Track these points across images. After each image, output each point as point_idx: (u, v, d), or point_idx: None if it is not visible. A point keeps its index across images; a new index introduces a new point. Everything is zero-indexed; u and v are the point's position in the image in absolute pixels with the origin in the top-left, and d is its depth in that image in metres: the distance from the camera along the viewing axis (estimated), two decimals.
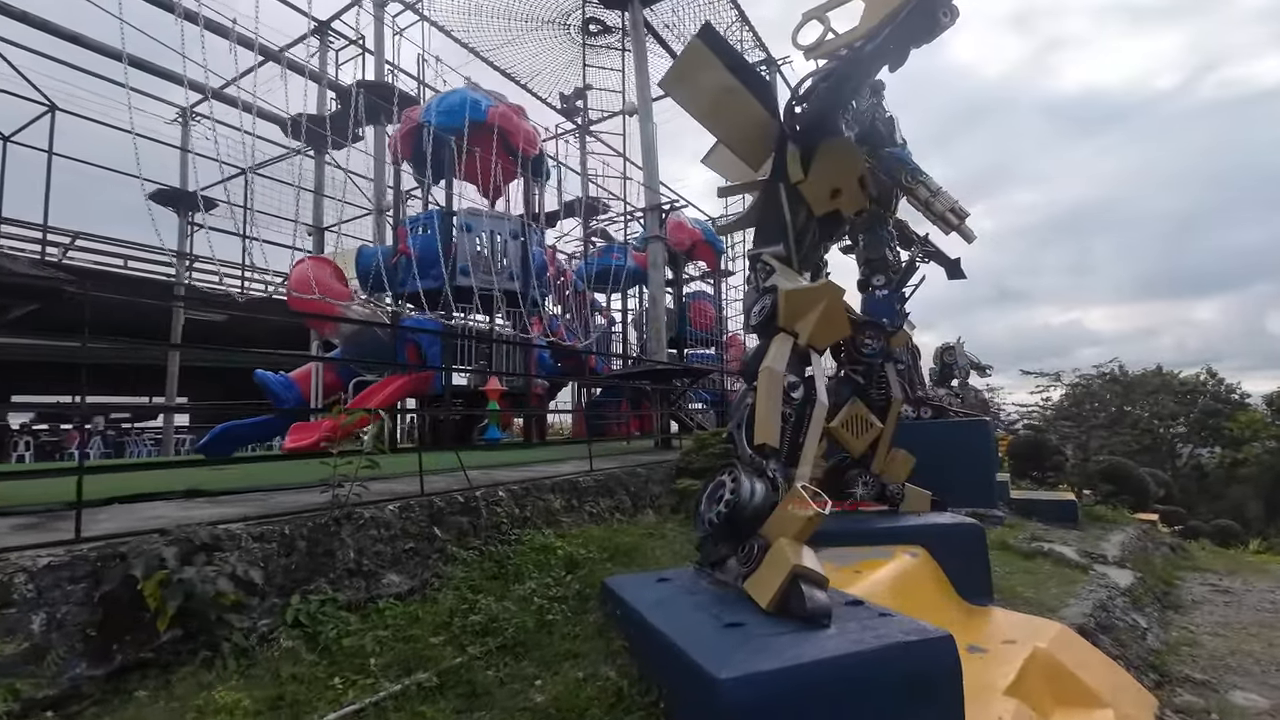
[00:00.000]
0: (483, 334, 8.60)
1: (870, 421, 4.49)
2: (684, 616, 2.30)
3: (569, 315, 11.83)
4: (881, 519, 4.45)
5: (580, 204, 15.98)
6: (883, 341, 4.64)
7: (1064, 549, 6.47)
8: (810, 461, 2.91)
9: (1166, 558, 8.33)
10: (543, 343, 9.40)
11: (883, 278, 9.97)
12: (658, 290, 8.94)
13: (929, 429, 8.38)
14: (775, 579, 2.28)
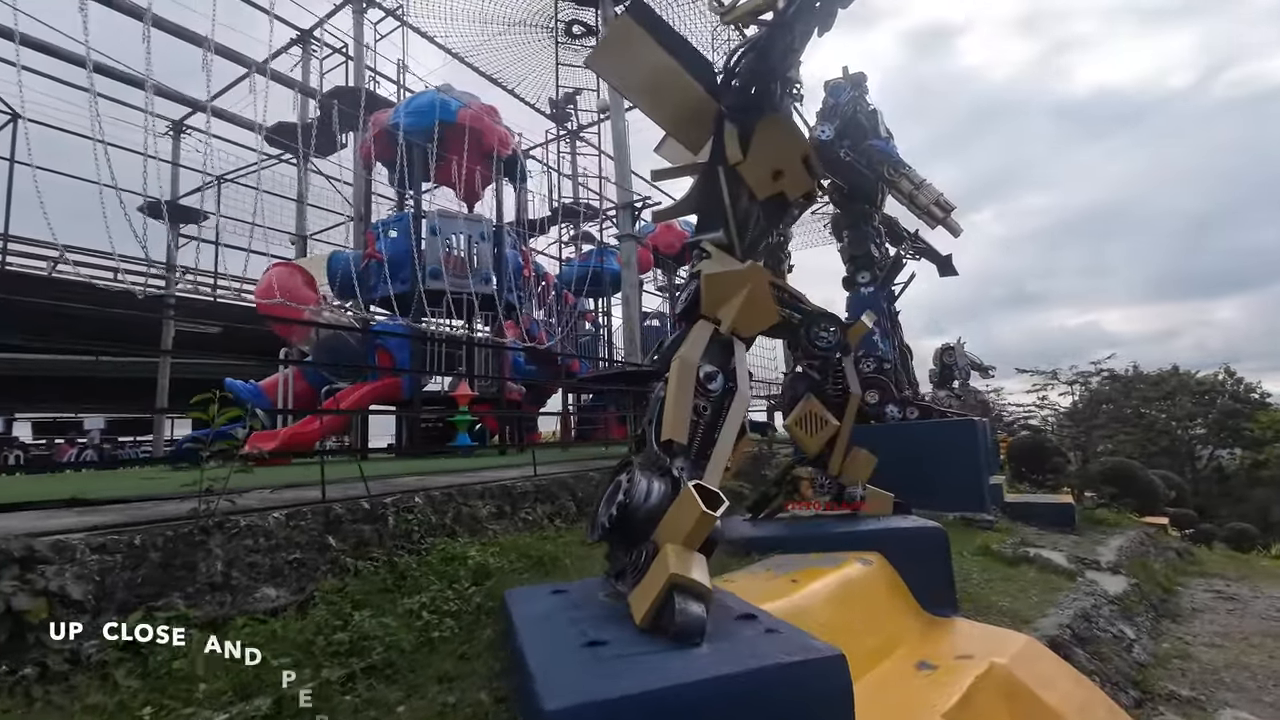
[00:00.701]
0: (452, 338, 8.39)
1: (825, 419, 4.20)
2: (552, 633, 2.03)
3: (552, 320, 11.62)
4: (838, 523, 4.15)
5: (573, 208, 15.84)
6: (840, 334, 4.35)
7: (1053, 554, 6.10)
8: (723, 459, 2.64)
9: (1170, 563, 7.90)
10: (517, 346, 9.19)
11: (868, 275, 9.69)
12: (631, 290, 8.69)
13: (915, 430, 8.04)
14: (653, 590, 2.01)
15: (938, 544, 3.94)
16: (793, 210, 4.16)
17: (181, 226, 14.51)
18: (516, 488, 4.27)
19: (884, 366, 8.66)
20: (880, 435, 8.36)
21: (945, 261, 11.03)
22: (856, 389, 4.31)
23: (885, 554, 3.87)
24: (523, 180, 10.02)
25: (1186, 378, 34.85)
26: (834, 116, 9.31)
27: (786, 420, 4.30)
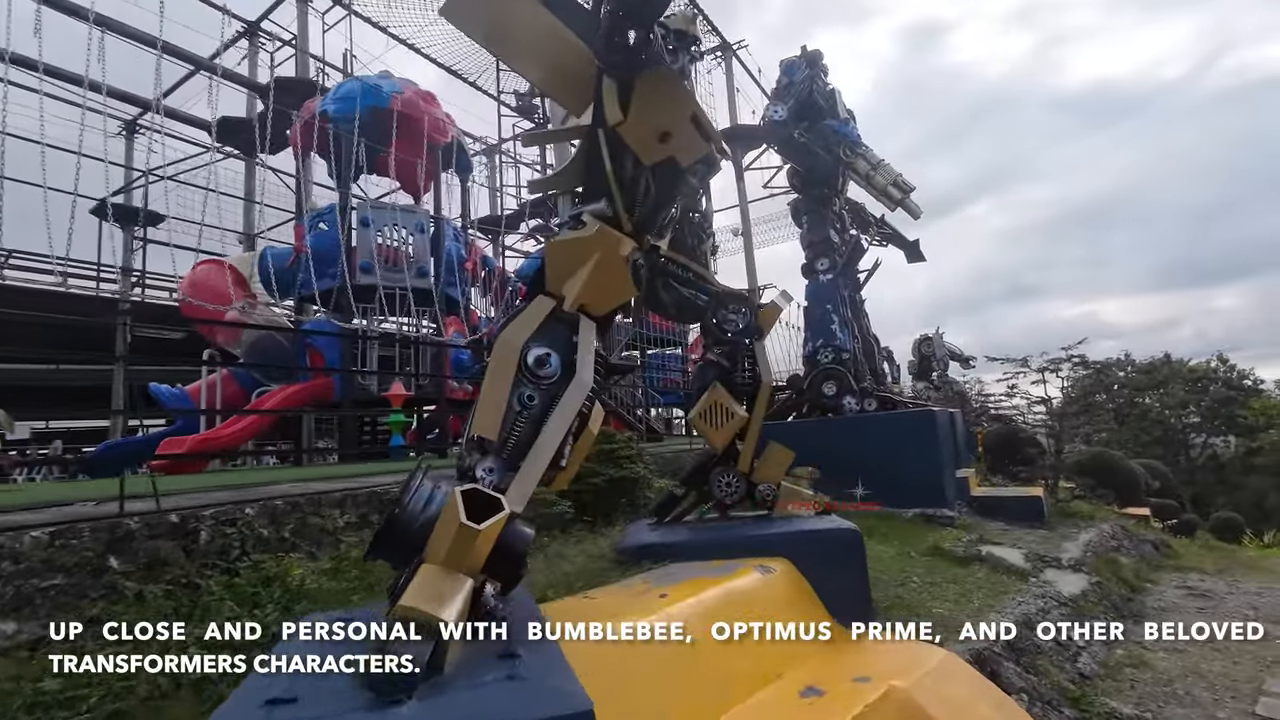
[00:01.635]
0: (384, 335, 7.96)
1: (731, 410, 3.78)
2: (266, 682, 1.61)
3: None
4: (747, 526, 3.73)
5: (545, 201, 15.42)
6: (750, 318, 3.93)
7: (1009, 552, 5.69)
8: (544, 460, 2.21)
9: (1143, 558, 7.49)
10: (451, 343, 8.76)
11: (827, 261, 9.26)
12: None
13: (872, 423, 7.62)
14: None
15: (852, 547, 3.52)
16: (689, 178, 3.73)
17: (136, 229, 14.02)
18: (389, 494, 3.84)
19: (842, 357, 8.24)
20: (836, 428, 7.96)
21: (913, 247, 10.62)
22: (768, 376, 3.88)
23: (794, 559, 3.46)
24: (467, 170, 9.58)
25: (1179, 366, 34.53)
26: (788, 96, 8.89)
27: (690, 413, 3.87)
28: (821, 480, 7.84)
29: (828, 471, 7.86)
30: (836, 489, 7.62)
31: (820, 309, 8.63)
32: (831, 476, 7.78)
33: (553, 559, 3.56)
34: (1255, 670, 4.03)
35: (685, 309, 4.10)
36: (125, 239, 14.19)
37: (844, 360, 8.20)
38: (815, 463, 7.55)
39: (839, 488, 7.59)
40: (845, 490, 7.53)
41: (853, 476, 7.53)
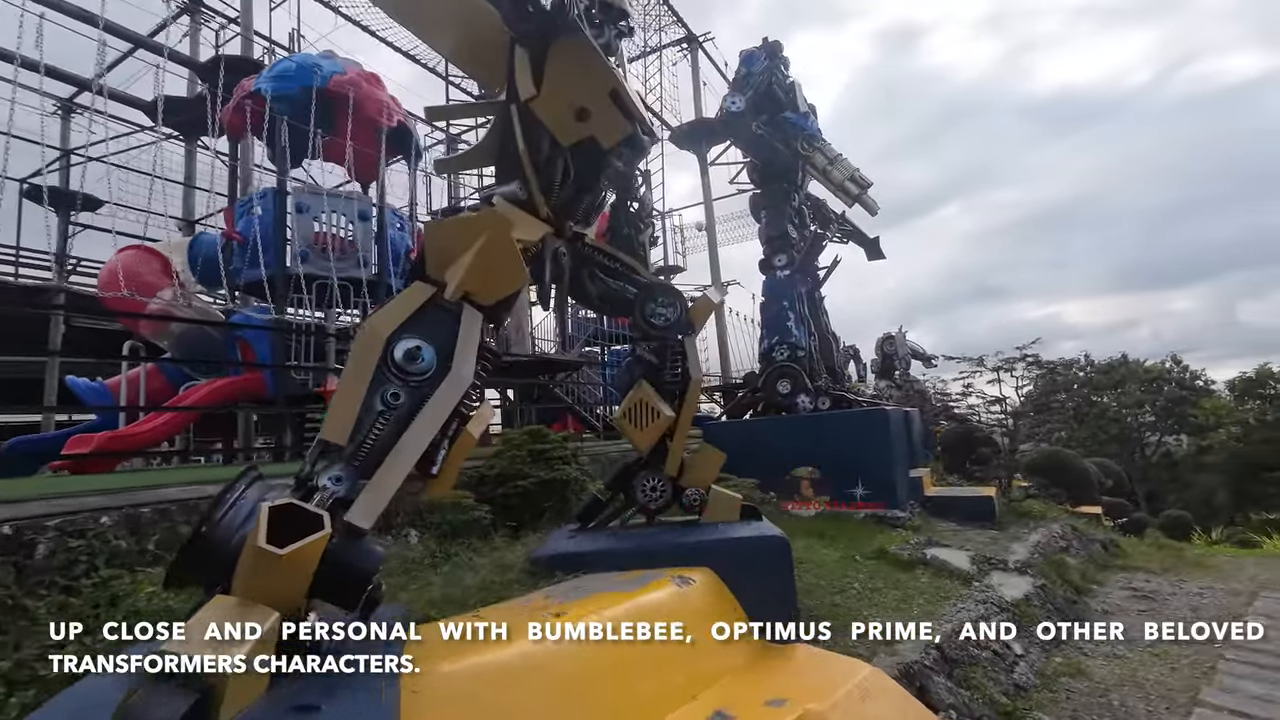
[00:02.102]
0: (319, 327, 7.57)
1: (658, 410, 3.54)
2: None
3: None
4: (671, 533, 3.50)
5: None
6: (680, 311, 3.70)
7: (956, 555, 5.58)
8: (402, 468, 1.95)
9: (1092, 557, 7.49)
10: None
11: (784, 257, 9.09)
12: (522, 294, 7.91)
13: (824, 422, 7.49)
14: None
15: (779, 555, 3.32)
16: (614, 161, 3.47)
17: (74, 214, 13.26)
18: None
19: (798, 354, 8.10)
20: (790, 427, 7.82)
21: (873, 244, 10.56)
22: (698, 373, 3.65)
23: (717, 568, 3.25)
24: (418, 156, 9.19)
25: (1135, 366, 35.48)
26: (747, 87, 8.70)
27: (614, 413, 3.63)
28: (772, 481, 7.71)
29: (780, 472, 7.75)
30: (791, 490, 7.50)
31: (777, 305, 8.47)
32: (785, 477, 7.67)
33: (459, 570, 3.29)
34: (1192, 678, 3.95)
35: (613, 302, 3.86)
36: (60, 224, 13.45)
37: (799, 358, 8.06)
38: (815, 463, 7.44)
39: (793, 488, 7.47)
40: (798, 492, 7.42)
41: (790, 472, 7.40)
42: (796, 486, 7.16)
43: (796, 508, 6.92)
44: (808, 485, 7.32)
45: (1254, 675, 3.96)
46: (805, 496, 7.10)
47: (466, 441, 2.22)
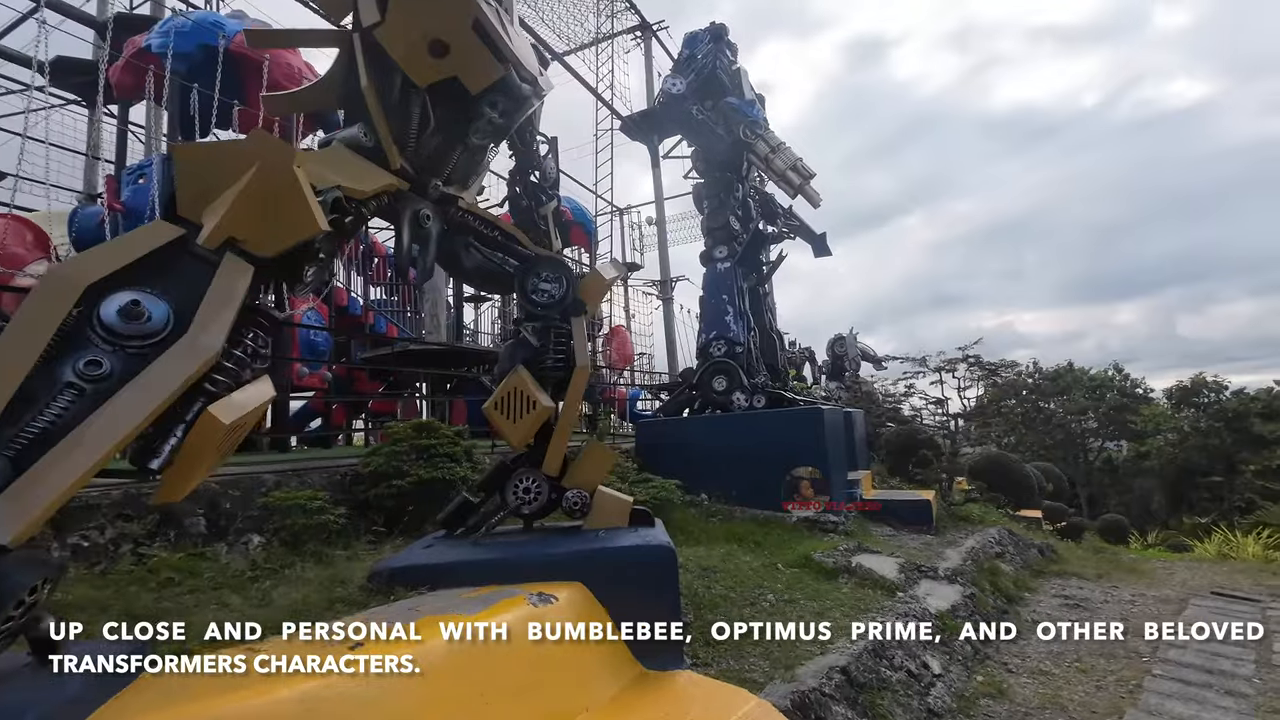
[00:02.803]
0: None
1: (533, 399, 3.07)
2: None
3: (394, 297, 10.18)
4: (536, 542, 3.04)
5: None
6: (567, 288, 3.24)
7: (884, 562, 5.26)
8: (82, 459, 1.43)
9: (1027, 563, 7.32)
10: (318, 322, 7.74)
11: (725, 249, 8.73)
12: (440, 282, 7.34)
13: (757, 421, 7.14)
14: None
15: (662, 567, 2.89)
16: (488, 112, 2.99)
17: None
18: (89, 499, 2.94)
19: (735, 350, 7.73)
20: (722, 426, 7.45)
21: (820, 241, 10.30)
22: (583, 359, 3.20)
23: (591, 583, 2.80)
24: (331, 127, 8.52)
25: (1080, 374, 36.56)
26: (688, 70, 8.31)
27: (485, 404, 3.16)
28: (704, 482, 7.33)
29: (714, 472, 7.38)
30: (723, 491, 7.12)
31: (716, 299, 8.10)
32: (716, 478, 7.30)
33: (281, 587, 2.76)
34: (1117, 697, 3.67)
35: (491, 277, 3.38)
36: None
37: (737, 354, 7.70)
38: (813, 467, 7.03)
39: (725, 489, 7.09)
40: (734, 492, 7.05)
41: (737, 478, 7.04)
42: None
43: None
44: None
45: (1180, 693, 3.71)
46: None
47: (211, 430, 1.70)
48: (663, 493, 5.49)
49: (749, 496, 6.90)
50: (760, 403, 7.28)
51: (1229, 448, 25.28)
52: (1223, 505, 23.05)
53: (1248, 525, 15.31)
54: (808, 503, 6.84)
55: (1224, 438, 25.44)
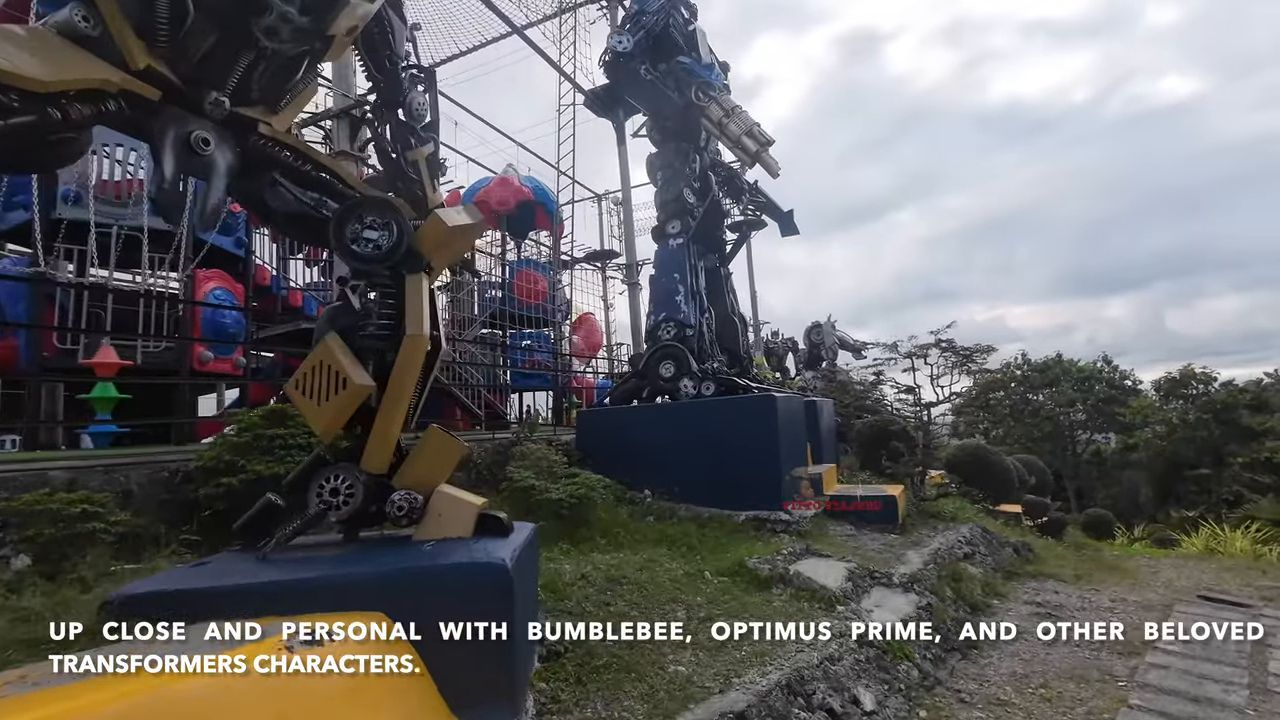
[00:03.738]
0: (95, 286, 6.15)
1: (344, 375, 2.40)
2: None
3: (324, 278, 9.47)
4: (328, 559, 2.38)
5: None
6: (396, 235, 2.56)
7: (831, 568, 4.64)
8: None
9: (1000, 564, 6.72)
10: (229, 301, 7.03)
11: (678, 224, 8.04)
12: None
13: (705, 411, 6.49)
14: None
15: (492, 595, 2.23)
16: (278, 5, 2.30)
17: None
18: None
19: (685, 333, 7.06)
20: (668, 416, 6.80)
21: (787, 218, 9.63)
22: (417, 327, 2.52)
23: (396, 614, 2.15)
24: None
25: (1069, 366, 36.19)
26: (637, 27, 7.59)
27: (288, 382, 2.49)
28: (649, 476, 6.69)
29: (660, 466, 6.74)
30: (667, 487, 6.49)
31: (666, 278, 7.43)
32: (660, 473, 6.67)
33: None
34: None
35: (303, 223, 2.69)
36: None
37: (686, 337, 7.03)
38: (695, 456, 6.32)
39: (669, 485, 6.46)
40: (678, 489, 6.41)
41: (683, 472, 6.40)
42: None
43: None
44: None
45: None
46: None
47: None
48: (583, 490, 4.84)
49: (695, 493, 6.27)
50: (710, 390, 6.62)
51: (1217, 440, 24.89)
52: (1210, 498, 22.64)
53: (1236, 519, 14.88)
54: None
55: (1212, 430, 25.05)
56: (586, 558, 4.23)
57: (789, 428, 6.49)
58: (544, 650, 2.82)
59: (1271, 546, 11.79)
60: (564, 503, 4.67)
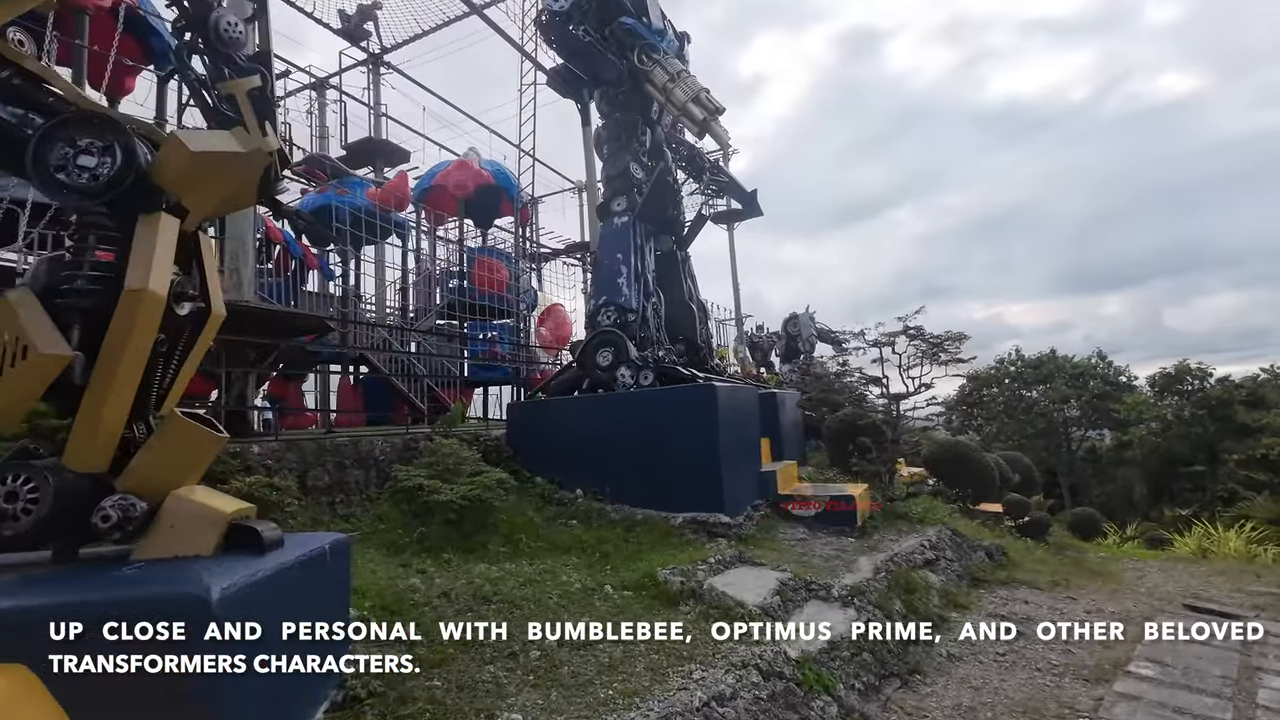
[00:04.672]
0: None
1: (26, 341, 1.80)
2: None
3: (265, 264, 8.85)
4: (6, 589, 1.78)
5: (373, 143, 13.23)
6: (121, 162, 1.96)
7: (759, 579, 4.04)
8: None
9: (966, 571, 6.12)
10: None
11: (624, 201, 7.44)
12: (245, 225, 5.94)
13: (641, 402, 5.89)
14: None
15: (189, 640, 1.63)
16: None
17: None
18: None
19: (626, 318, 6.46)
20: (604, 409, 6.19)
21: (750, 199, 9.02)
22: (141, 279, 1.92)
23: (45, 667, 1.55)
24: (163, 59, 7.16)
25: (1063, 361, 35.65)
26: None
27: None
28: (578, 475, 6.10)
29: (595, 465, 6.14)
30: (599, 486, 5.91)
31: (609, 259, 6.82)
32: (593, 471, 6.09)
33: None
34: None
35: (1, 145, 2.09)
36: None
37: (628, 323, 6.42)
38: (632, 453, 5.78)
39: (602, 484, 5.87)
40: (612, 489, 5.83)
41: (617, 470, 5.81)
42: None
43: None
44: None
45: None
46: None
47: None
48: (478, 490, 4.23)
49: (631, 493, 5.67)
50: (648, 380, 6.02)
51: (1212, 436, 24.35)
52: (1205, 496, 22.10)
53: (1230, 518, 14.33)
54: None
55: (1207, 426, 24.51)
56: (465, 569, 3.63)
57: (734, 421, 5.89)
58: (339, 695, 2.22)
59: (1266, 546, 11.24)
60: (454, 505, 4.07)
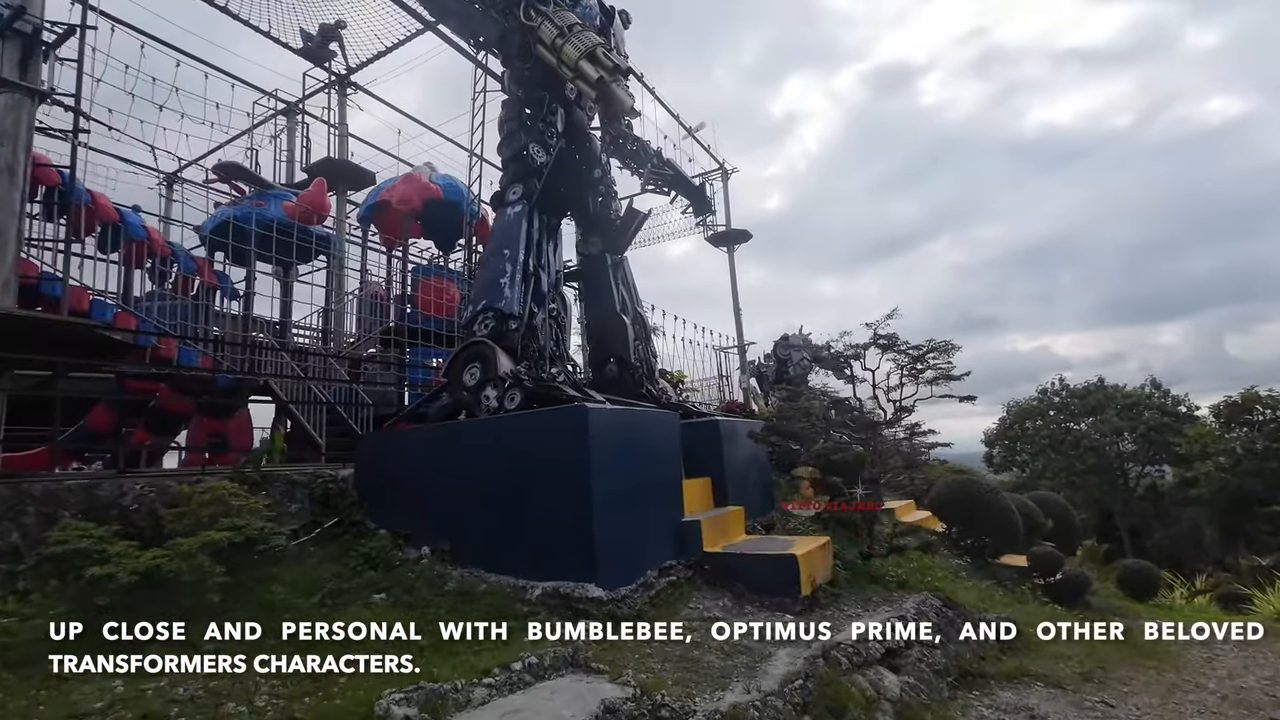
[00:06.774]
0: None
1: None
2: None
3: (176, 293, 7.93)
4: None
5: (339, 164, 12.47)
6: None
7: (554, 708, 2.56)
8: None
9: (954, 663, 4.44)
10: None
11: (520, 188, 6.15)
12: (7, 216, 4.87)
13: (504, 430, 4.49)
14: None
15: None
16: None
17: None
18: None
19: (507, 326, 5.12)
20: (457, 440, 4.81)
21: (699, 194, 7.71)
22: None
23: None
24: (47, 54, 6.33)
25: (1113, 391, 32.77)
26: None
27: None
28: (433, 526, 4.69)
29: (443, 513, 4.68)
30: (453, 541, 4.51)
31: (496, 255, 5.55)
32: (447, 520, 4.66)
33: None
34: None
35: None
36: None
37: (507, 331, 5.09)
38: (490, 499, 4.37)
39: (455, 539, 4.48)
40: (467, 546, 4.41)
41: (472, 520, 4.38)
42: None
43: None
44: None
45: None
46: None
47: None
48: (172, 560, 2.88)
49: (488, 551, 4.25)
50: (514, 401, 4.63)
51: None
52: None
53: None
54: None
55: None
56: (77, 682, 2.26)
57: (628, 455, 4.43)
58: None
59: None
60: (127, 585, 2.74)
